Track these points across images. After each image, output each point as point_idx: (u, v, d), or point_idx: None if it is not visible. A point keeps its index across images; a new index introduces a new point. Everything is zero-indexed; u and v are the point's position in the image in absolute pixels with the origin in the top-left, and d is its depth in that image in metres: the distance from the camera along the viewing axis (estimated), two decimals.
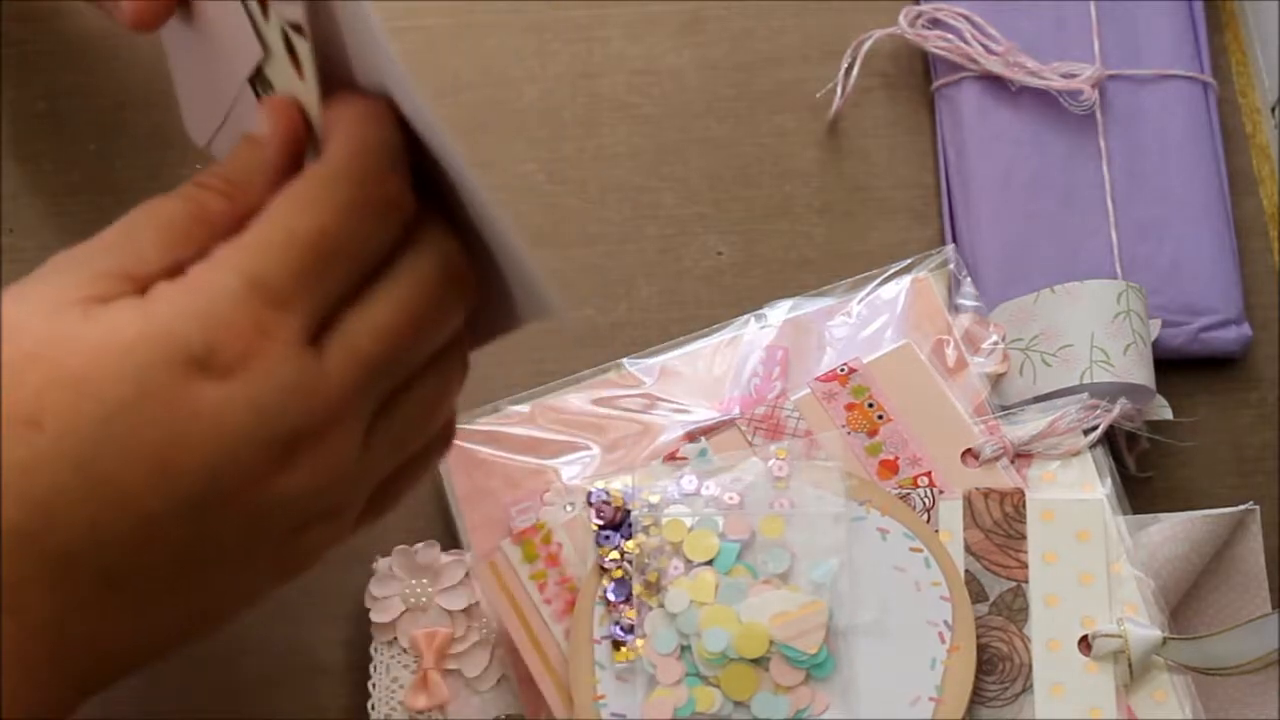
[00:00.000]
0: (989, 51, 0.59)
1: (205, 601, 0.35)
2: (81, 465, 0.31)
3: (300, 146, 0.36)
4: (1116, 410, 0.52)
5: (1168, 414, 0.54)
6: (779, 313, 0.56)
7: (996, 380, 0.54)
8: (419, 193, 0.35)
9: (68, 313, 0.32)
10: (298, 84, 0.36)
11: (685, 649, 0.49)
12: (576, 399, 0.54)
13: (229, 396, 0.32)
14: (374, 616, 0.51)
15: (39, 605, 0.32)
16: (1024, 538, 0.51)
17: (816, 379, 0.53)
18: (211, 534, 0.33)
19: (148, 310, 0.32)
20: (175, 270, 0.34)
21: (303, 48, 0.34)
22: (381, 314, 0.34)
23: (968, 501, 0.51)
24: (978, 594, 0.50)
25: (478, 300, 0.37)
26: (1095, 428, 0.52)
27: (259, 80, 0.39)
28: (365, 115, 0.34)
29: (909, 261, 0.57)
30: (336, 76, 0.35)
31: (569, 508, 0.52)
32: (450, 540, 0.53)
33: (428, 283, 0.35)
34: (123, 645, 0.34)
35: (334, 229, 0.33)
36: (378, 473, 0.37)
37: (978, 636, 0.49)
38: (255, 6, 0.36)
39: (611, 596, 0.49)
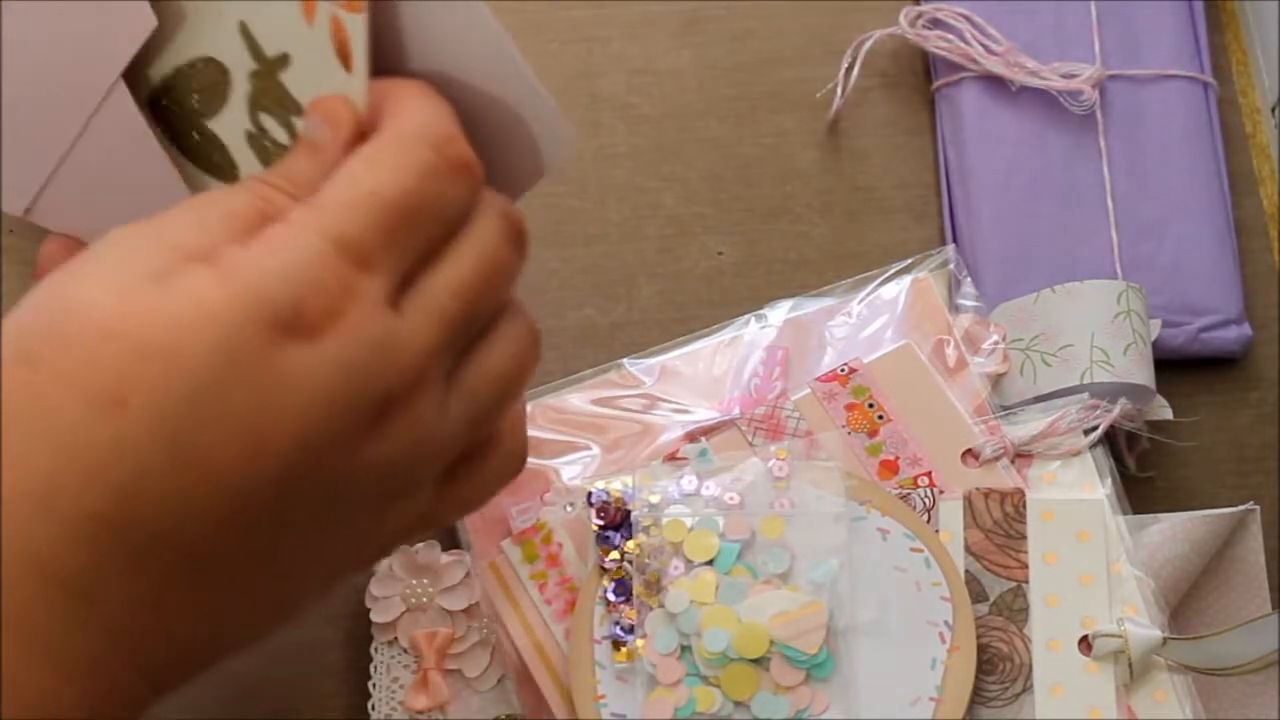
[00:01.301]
0: (989, 51, 0.59)
1: (284, 584, 0.34)
2: (171, 444, 0.30)
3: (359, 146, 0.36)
4: (1117, 410, 0.52)
5: (1168, 414, 0.54)
6: (779, 313, 0.56)
7: (996, 380, 0.54)
8: None
9: (139, 286, 0.31)
10: (337, 78, 0.35)
11: (685, 649, 0.49)
12: (576, 399, 0.54)
13: (318, 360, 0.31)
14: (374, 616, 0.51)
15: (121, 597, 0.30)
16: (1024, 538, 0.51)
17: (817, 379, 0.53)
18: (297, 508, 0.32)
19: (229, 273, 0.31)
20: None
21: (357, 32, 0.33)
22: (458, 272, 0.34)
23: (968, 501, 0.51)
24: (978, 594, 0.50)
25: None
26: (1095, 428, 0.52)
27: (183, 98, 0.37)
28: (423, 86, 0.34)
29: (909, 261, 0.57)
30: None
31: (569, 508, 0.52)
32: (450, 540, 0.53)
33: (495, 239, 0.35)
34: (201, 636, 0.33)
35: (416, 190, 0.33)
36: (453, 445, 0.36)
37: (978, 636, 0.49)
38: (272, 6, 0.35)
39: (611, 596, 0.49)
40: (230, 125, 0.37)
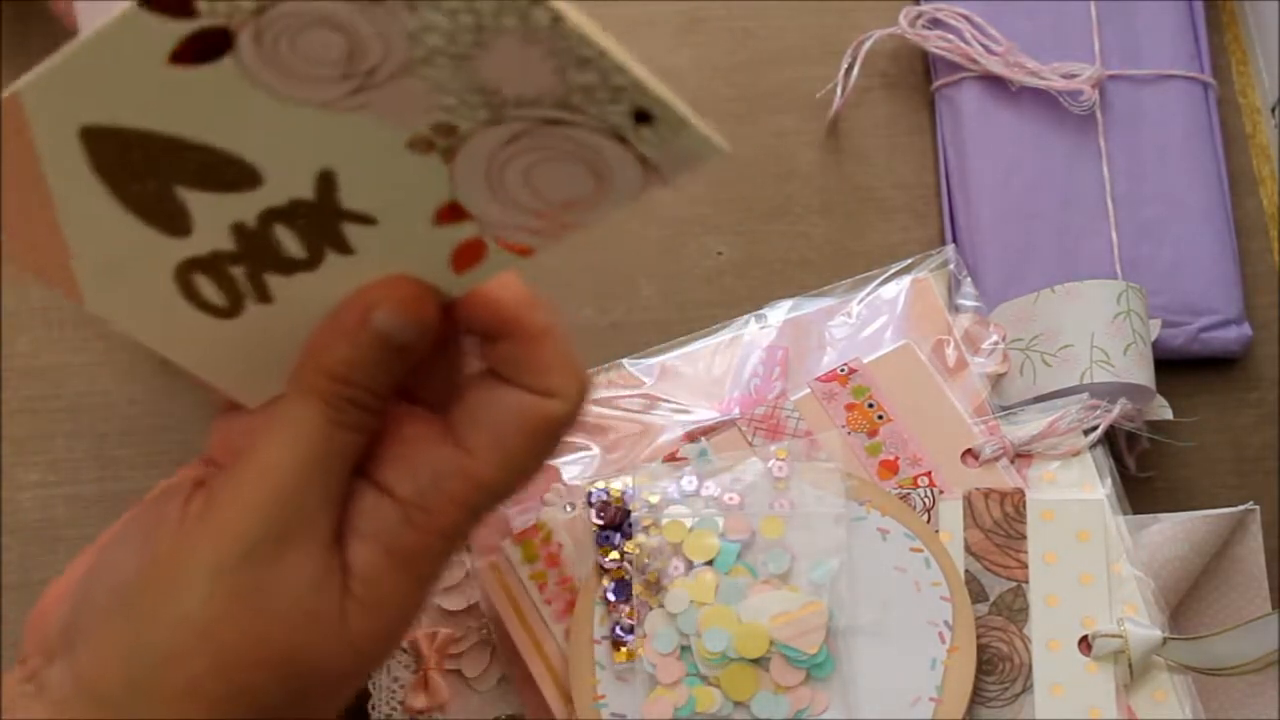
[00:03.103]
0: (989, 51, 0.59)
1: None
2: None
3: None
4: (1116, 410, 0.52)
5: (1168, 414, 0.54)
6: (779, 313, 0.56)
7: (996, 380, 0.54)
8: None
9: None
10: (437, 271, 0.32)
11: (685, 649, 0.49)
12: None
13: None
14: None
15: None
16: (1024, 538, 0.51)
17: (816, 379, 0.53)
18: None
19: None
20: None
21: (495, 266, 0.32)
22: None
23: (968, 501, 0.51)
24: (978, 594, 0.50)
25: None
26: (1095, 428, 0.52)
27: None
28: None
29: (909, 261, 0.57)
30: None
31: (569, 508, 0.52)
32: None
33: None
34: None
35: None
36: None
37: (978, 636, 0.49)
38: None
39: (611, 596, 0.49)
40: (215, 207, 0.31)
